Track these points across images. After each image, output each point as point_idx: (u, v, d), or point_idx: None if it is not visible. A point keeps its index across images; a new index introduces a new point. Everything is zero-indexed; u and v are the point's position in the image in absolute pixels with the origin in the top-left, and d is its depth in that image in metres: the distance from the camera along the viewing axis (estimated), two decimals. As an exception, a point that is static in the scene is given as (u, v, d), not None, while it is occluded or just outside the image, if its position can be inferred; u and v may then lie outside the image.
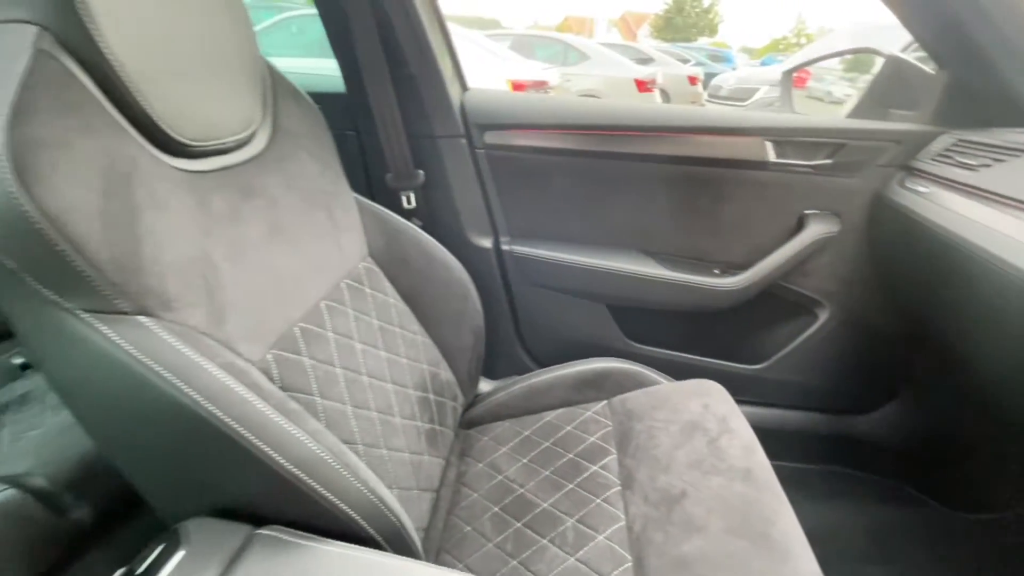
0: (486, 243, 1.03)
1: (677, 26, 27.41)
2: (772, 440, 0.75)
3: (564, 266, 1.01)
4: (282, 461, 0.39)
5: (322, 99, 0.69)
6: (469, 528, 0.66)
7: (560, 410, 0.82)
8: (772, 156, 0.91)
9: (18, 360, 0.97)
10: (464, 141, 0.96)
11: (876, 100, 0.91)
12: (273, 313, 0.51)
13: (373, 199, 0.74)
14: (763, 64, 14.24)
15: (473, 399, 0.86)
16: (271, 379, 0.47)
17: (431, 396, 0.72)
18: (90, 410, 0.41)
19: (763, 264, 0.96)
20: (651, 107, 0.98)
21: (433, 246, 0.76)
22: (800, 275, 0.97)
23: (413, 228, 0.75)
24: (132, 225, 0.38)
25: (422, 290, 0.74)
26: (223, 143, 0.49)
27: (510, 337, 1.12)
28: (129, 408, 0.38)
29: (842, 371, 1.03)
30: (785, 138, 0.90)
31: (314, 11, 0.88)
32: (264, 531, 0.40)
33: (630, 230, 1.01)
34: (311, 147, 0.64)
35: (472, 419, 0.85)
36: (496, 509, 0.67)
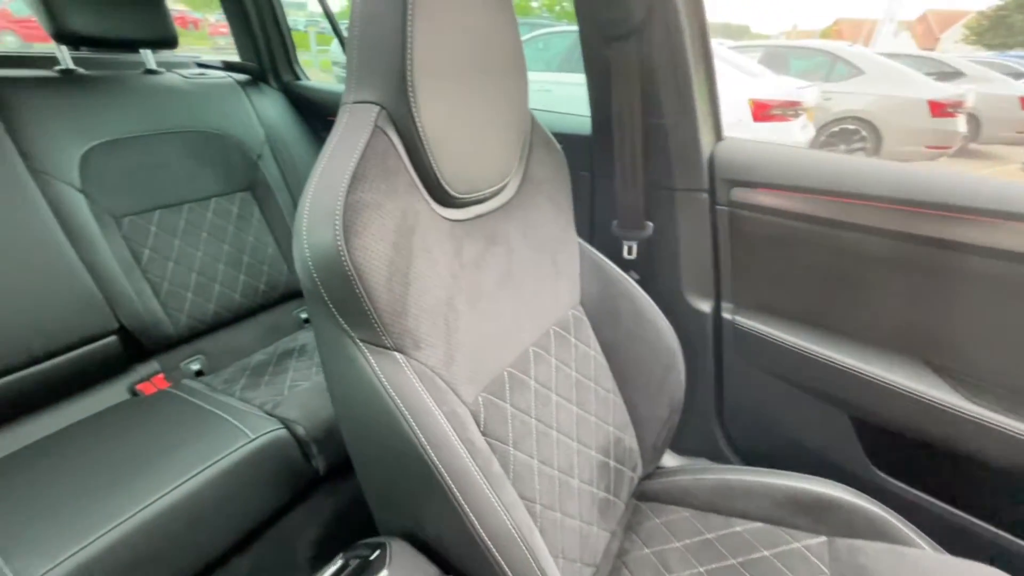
0: (705, 308, 0.93)
1: (1014, 27, 19.70)
2: None
3: (800, 354, 0.84)
4: (479, 528, 0.40)
5: (564, 139, 0.70)
6: None
7: (758, 525, 0.68)
8: None
9: (304, 315, 1.26)
10: (706, 196, 0.87)
11: None
12: (490, 356, 0.53)
13: (593, 243, 0.72)
14: None
15: (652, 470, 0.79)
16: (478, 423, 0.49)
17: (611, 462, 0.68)
18: (345, 412, 0.49)
19: None
20: (975, 180, 0.71)
21: (646, 304, 0.71)
22: None
23: (629, 281, 0.71)
24: (406, 272, 0.44)
25: (626, 348, 0.70)
26: (482, 194, 0.53)
27: (708, 414, 0.99)
28: (371, 425, 0.44)
29: None
30: None
31: (562, 28, 0.89)
32: None
33: (908, 332, 0.77)
34: (551, 192, 0.65)
35: (646, 492, 0.77)
36: None
